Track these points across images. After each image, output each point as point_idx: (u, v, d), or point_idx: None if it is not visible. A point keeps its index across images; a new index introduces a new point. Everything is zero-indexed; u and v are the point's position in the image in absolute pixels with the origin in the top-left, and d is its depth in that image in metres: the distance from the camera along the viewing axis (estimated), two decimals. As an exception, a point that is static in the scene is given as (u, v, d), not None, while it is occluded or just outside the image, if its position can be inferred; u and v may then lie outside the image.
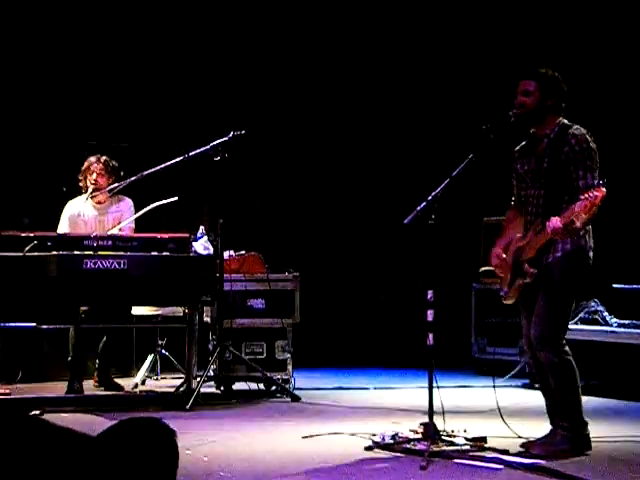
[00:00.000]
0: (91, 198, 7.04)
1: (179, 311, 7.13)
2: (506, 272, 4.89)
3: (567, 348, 4.76)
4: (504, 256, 4.91)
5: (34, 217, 7.82)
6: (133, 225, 7.06)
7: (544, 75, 4.84)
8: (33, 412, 5.65)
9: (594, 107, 7.78)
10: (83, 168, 7.08)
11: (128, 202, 7.18)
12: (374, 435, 5.04)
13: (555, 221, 4.54)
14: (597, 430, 4.95)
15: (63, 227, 7.05)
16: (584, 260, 4.77)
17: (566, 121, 4.85)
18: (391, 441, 4.90)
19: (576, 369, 4.76)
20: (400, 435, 4.96)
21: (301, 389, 6.98)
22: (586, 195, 4.46)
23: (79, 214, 7.07)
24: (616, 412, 6.18)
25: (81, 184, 7.13)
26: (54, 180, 7.50)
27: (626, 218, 7.70)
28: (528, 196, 4.90)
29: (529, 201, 4.88)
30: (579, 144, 4.72)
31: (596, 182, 4.61)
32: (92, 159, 7.08)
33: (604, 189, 4.46)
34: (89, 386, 7.02)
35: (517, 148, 5.02)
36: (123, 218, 7.06)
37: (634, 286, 7.17)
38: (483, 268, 8.04)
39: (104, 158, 7.09)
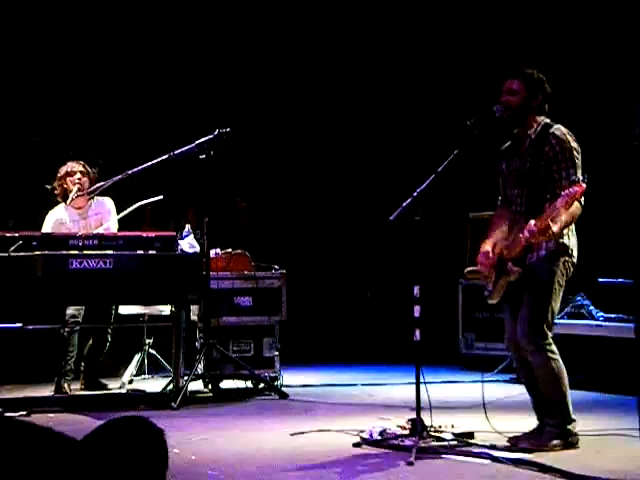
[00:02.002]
0: (73, 200, 6.96)
1: (166, 310, 7.13)
2: (490, 271, 4.90)
3: (554, 347, 4.77)
4: (491, 255, 4.92)
5: (19, 218, 7.79)
6: (116, 224, 7.03)
7: (530, 75, 4.86)
8: (20, 413, 5.64)
9: (578, 104, 7.81)
10: (62, 173, 6.99)
11: (107, 202, 7.12)
12: (362, 432, 5.05)
13: (531, 225, 4.57)
14: (583, 424, 4.96)
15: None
16: (568, 258, 4.79)
17: (548, 120, 4.87)
18: (379, 437, 4.91)
19: (563, 367, 4.77)
20: (388, 431, 4.97)
21: (289, 386, 6.99)
22: (566, 191, 4.50)
23: (62, 222, 7.00)
24: (602, 405, 6.21)
25: (57, 192, 7.03)
26: (38, 181, 7.46)
27: (611, 212, 7.73)
28: (512, 195, 4.92)
29: (513, 200, 4.91)
30: (560, 144, 4.75)
31: (576, 179, 4.64)
32: (70, 163, 7.03)
33: (584, 185, 4.50)
34: (76, 387, 7.01)
35: (502, 148, 5.04)
36: (104, 219, 7.03)
37: (620, 280, 7.19)
38: (469, 269, 8.04)
39: (82, 162, 7.06)
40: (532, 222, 4.58)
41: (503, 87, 4.87)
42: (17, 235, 6.11)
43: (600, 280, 7.31)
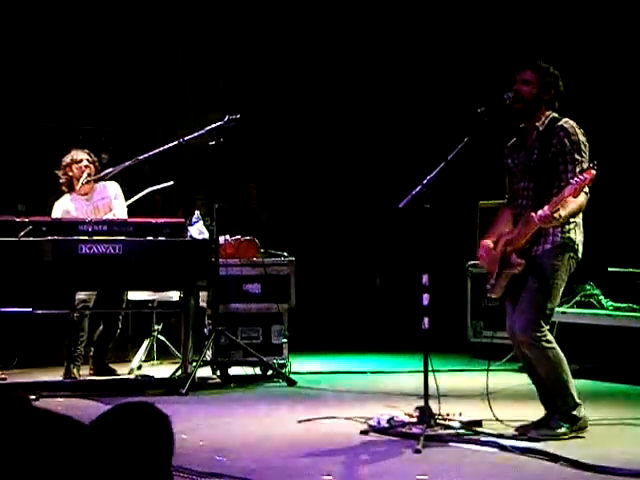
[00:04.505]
0: (82, 186, 6.96)
1: (175, 296, 7.14)
2: (493, 265, 4.87)
3: (549, 336, 4.75)
4: (492, 247, 4.89)
5: (29, 203, 7.80)
6: (125, 208, 7.04)
7: (545, 69, 4.84)
8: (29, 397, 5.66)
9: (588, 93, 7.77)
10: (67, 161, 6.98)
11: (114, 186, 7.11)
12: (370, 419, 5.05)
13: (543, 210, 4.55)
14: (592, 413, 4.96)
15: None
16: (573, 254, 4.76)
17: (556, 115, 4.85)
18: (387, 425, 4.92)
19: (561, 355, 4.75)
20: (395, 419, 4.97)
21: (297, 373, 6.99)
22: (576, 179, 4.47)
23: (68, 212, 6.99)
24: (611, 395, 6.20)
25: (62, 180, 7.02)
26: (48, 166, 7.47)
27: (622, 201, 7.70)
28: (518, 189, 4.89)
29: (519, 194, 4.88)
30: (568, 136, 4.72)
31: (585, 167, 4.60)
32: (74, 151, 7.03)
33: (594, 171, 4.47)
34: (85, 371, 7.03)
35: (508, 144, 5.02)
36: (112, 203, 7.03)
37: (629, 269, 7.17)
38: (471, 262, 8.03)
39: (87, 151, 7.06)
40: (544, 208, 4.55)
41: (516, 76, 4.85)
42: (27, 220, 6.13)
43: (610, 269, 7.28)
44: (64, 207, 6.99)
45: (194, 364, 6.40)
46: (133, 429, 2.52)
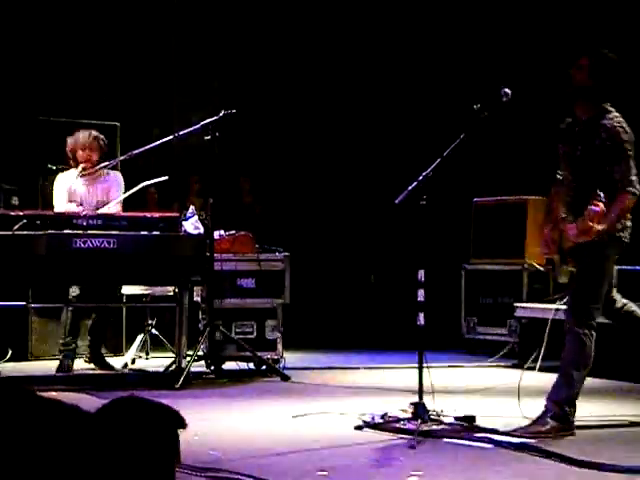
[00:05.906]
0: (81, 176, 6.96)
1: (169, 290, 7.13)
2: (556, 254, 4.92)
3: (593, 331, 4.74)
4: (554, 240, 4.92)
5: (23, 196, 7.78)
6: (121, 202, 7.02)
7: (601, 56, 4.78)
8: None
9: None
10: (72, 143, 6.97)
11: (117, 176, 7.09)
12: (364, 414, 5.05)
13: (574, 227, 4.63)
14: (588, 409, 4.97)
15: (61, 199, 6.92)
16: (618, 241, 4.79)
17: (607, 106, 4.75)
18: (381, 421, 4.92)
19: (590, 351, 4.73)
20: (390, 415, 4.97)
21: (291, 368, 6.99)
22: (621, 200, 4.57)
23: (72, 191, 6.97)
24: (606, 392, 6.19)
25: (70, 155, 6.99)
26: (43, 159, 7.45)
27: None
28: (565, 177, 4.93)
29: (567, 183, 4.90)
30: (610, 137, 4.67)
31: (633, 181, 4.62)
32: (82, 133, 6.99)
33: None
34: (79, 365, 7.02)
35: (561, 126, 4.96)
36: (111, 191, 7.00)
37: (624, 266, 7.16)
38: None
39: (94, 133, 7.00)
40: (574, 228, 4.62)
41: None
42: (21, 214, 6.11)
43: (618, 267, 7.27)
44: (69, 184, 6.92)
45: (188, 359, 6.39)
46: (139, 424, 2.51)
